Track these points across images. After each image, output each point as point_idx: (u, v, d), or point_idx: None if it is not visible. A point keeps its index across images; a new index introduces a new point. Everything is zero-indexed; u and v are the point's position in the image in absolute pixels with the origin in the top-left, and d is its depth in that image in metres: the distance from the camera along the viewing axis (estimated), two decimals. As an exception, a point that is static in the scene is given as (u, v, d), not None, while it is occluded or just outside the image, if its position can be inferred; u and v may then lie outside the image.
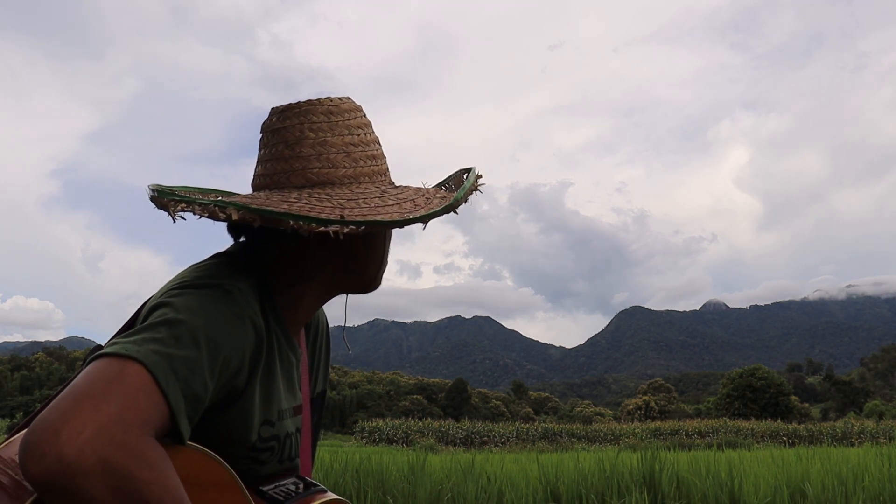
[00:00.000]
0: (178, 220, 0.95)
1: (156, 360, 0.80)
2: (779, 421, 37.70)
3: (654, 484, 5.62)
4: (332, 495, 1.05)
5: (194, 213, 0.93)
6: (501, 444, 32.49)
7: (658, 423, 38.83)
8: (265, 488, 1.00)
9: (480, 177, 1.10)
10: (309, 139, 1.03)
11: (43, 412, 0.73)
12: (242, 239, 1.09)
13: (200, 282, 0.94)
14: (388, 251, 1.12)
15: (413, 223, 0.96)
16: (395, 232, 1.16)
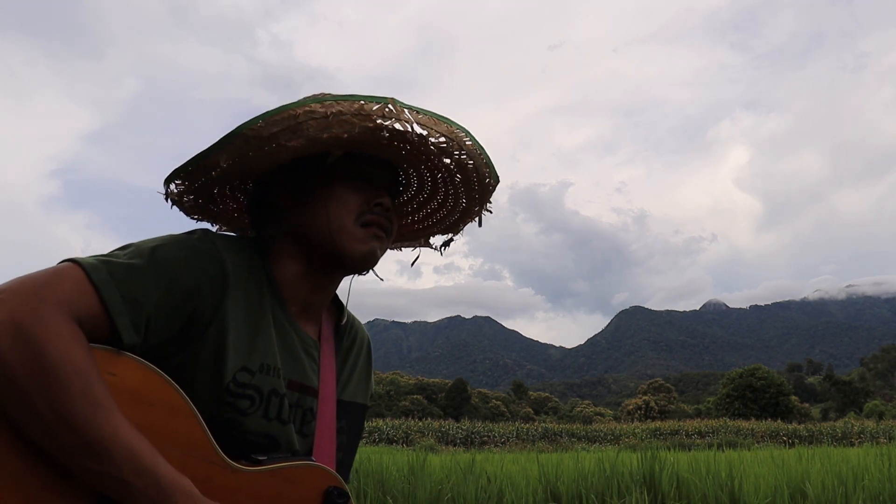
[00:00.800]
0: (178, 219, 1.13)
1: (94, 262, 0.86)
2: (779, 421, 37.65)
3: (654, 484, 5.62)
4: (317, 464, 1.02)
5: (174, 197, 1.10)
6: (501, 444, 32.44)
7: (658, 423, 38.77)
8: (259, 457, 0.98)
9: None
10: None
11: None
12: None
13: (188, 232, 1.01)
14: (334, 215, 1.06)
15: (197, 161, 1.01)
16: None
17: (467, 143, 1.05)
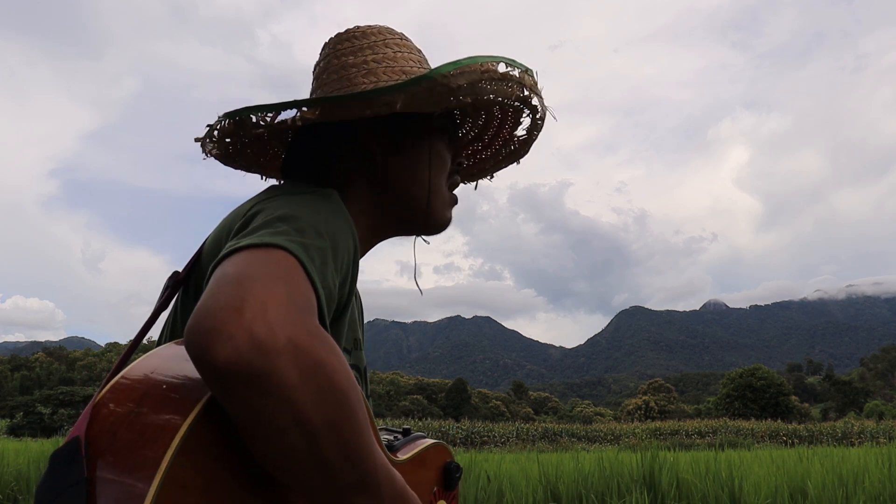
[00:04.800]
0: (178, 218, 1.04)
1: (295, 246, 0.67)
2: (779, 421, 37.65)
3: (654, 484, 5.62)
4: (437, 441, 0.97)
5: (212, 144, 0.95)
6: (501, 444, 32.42)
7: (658, 423, 38.82)
8: (394, 443, 0.91)
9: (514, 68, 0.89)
10: (332, 66, 0.98)
11: (202, 302, 0.58)
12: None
13: (294, 190, 0.84)
14: (435, 174, 0.98)
15: (369, 96, 0.83)
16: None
17: (538, 88, 0.96)
